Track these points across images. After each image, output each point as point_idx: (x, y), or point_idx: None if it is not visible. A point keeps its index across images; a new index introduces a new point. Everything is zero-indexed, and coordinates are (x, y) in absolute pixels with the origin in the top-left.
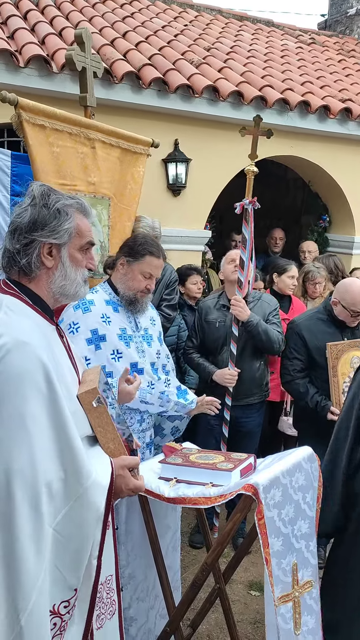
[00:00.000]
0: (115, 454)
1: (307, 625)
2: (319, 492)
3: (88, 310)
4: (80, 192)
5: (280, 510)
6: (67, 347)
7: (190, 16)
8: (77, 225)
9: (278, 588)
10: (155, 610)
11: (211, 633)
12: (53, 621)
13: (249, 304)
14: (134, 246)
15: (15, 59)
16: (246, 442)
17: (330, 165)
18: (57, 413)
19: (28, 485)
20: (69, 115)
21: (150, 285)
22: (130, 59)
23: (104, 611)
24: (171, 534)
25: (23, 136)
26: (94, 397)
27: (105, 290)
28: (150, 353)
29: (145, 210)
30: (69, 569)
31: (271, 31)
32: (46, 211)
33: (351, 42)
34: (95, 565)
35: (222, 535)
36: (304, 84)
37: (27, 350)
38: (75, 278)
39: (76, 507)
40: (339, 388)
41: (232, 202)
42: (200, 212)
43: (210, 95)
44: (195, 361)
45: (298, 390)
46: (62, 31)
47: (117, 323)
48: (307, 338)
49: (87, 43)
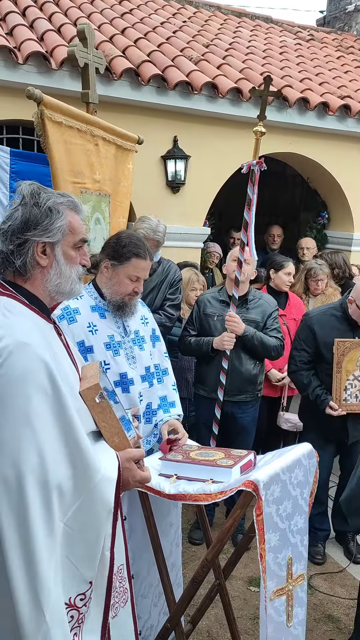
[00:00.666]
0: (120, 448)
1: (297, 617)
2: (314, 487)
3: (74, 321)
4: (88, 189)
5: (279, 505)
6: (65, 345)
7: (189, 12)
8: (69, 223)
9: (273, 582)
10: (158, 607)
11: (211, 629)
12: (70, 614)
13: (249, 302)
14: (117, 248)
15: (14, 56)
16: (242, 437)
17: (329, 162)
18: (63, 411)
19: (39, 485)
20: (80, 112)
21: (138, 288)
22: (129, 56)
23: (118, 600)
24: (174, 531)
25: (43, 133)
26: (97, 393)
27: (90, 294)
28: (142, 357)
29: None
30: (83, 563)
31: (270, 28)
32: (37, 210)
33: (350, 38)
34: (109, 557)
35: (222, 532)
36: (303, 80)
37: (28, 351)
38: (70, 275)
39: (87, 502)
40: (341, 384)
41: (231, 199)
42: (200, 209)
43: (209, 92)
44: (192, 341)
45: (302, 381)
46: (61, 27)
47: (104, 331)
48: (317, 332)
49: (90, 39)
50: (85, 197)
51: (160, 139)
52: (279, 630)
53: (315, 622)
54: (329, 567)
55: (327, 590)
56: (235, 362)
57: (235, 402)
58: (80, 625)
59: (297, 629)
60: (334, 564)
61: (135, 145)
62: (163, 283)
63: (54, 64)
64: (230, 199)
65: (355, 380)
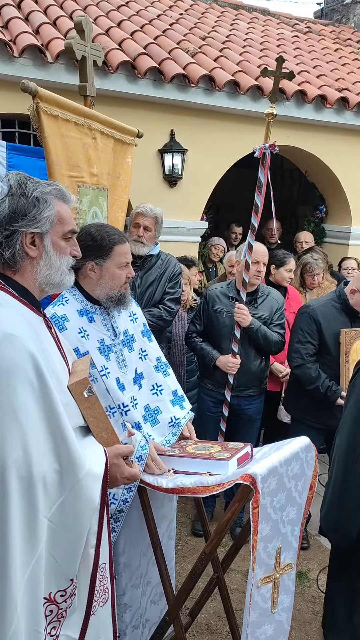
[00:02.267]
0: (109, 443)
1: (282, 603)
2: (314, 480)
3: (64, 329)
4: (85, 183)
5: (273, 497)
6: (55, 339)
7: (186, 5)
8: (57, 212)
9: (261, 570)
10: (146, 596)
11: (210, 622)
12: (49, 608)
13: (257, 298)
14: (95, 245)
15: (10, 49)
16: (247, 428)
17: (326, 156)
18: (49, 404)
19: (22, 478)
20: (77, 106)
21: (130, 272)
22: (125, 49)
23: (97, 598)
24: (167, 524)
25: (39, 127)
26: (85, 388)
27: (76, 298)
28: (132, 358)
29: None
30: (65, 559)
31: (267, 20)
32: (25, 200)
33: (347, 30)
34: (93, 555)
35: (220, 525)
36: (301, 73)
37: (15, 343)
38: (59, 266)
39: (71, 498)
40: (349, 374)
41: (229, 193)
42: (197, 203)
43: (206, 85)
44: (198, 345)
45: (310, 374)
46: (57, 20)
47: (94, 335)
48: (322, 323)
49: (87, 31)
50: (83, 191)
51: (157, 133)
52: (263, 616)
53: (313, 615)
54: (326, 560)
55: (325, 582)
56: (243, 359)
57: (242, 396)
58: (60, 619)
59: (281, 615)
60: None
61: (134, 139)
62: (162, 277)
63: (49, 57)
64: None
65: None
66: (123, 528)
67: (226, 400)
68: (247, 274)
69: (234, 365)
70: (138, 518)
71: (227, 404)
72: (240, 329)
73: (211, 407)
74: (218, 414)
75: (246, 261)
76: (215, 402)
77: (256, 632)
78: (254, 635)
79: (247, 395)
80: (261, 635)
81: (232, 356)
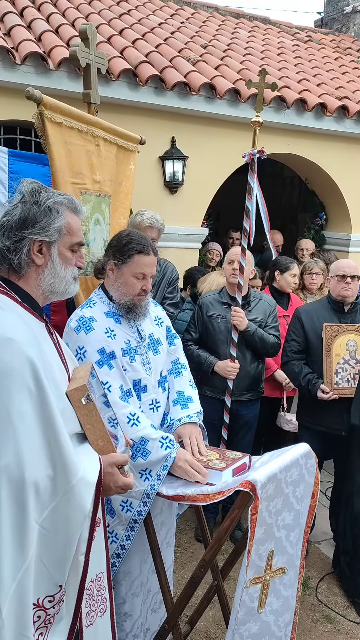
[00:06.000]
0: (104, 451)
1: (271, 605)
2: (315, 488)
3: (91, 330)
4: (88, 190)
5: (269, 502)
6: (57, 345)
7: (187, 13)
8: (67, 223)
9: (252, 571)
10: (147, 605)
11: (209, 630)
12: (37, 614)
13: (250, 302)
14: (119, 247)
15: (12, 56)
16: (244, 433)
17: (326, 163)
18: (45, 410)
19: (13, 482)
20: (80, 113)
21: (147, 286)
22: (127, 56)
23: (95, 608)
24: (165, 531)
25: (43, 134)
26: (83, 395)
27: (102, 300)
28: (157, 361)
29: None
30: (55, 565)
31: (268, 29)
32: (37, 209)
33: (348, 39)
34: (83, 561)
35: (220, 532)
36: (301, 81)
37: (13, 347)
38: (64, 276)
39: (62, 504)
40: (331, 368)
41: (229, 199)
42: (197, 209)
43: (207, 93)
44: (195, 353)
45: (293, 370)
46: (59, 28)
47: (121, 336)
48: (304, 320)
49: (92, 39)
50: (85, 197)
51: (158, 140)
52: (249, 614)
53: (313, 623)
54: (326, 568)
55: (325, 590)
56: (241, 363)
57: (240, 401)
58: (47, 625)
59: (268, 616)
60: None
61: (137, 145)
62: (161, 282)
63: (51, 65)
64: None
65: (345, 364)
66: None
67: (226, 406)
68: (241, 277)
69: (233, 369)
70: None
71: (228, 410)
72: (237, 332)
73: (211, 414)
74: (218, 421)
75: (240, 264)
76: (215, 409)
77: (240, 629)
78: (238, 632)
79: (244, 399)
80: (245, 632)
81: (231, 361)
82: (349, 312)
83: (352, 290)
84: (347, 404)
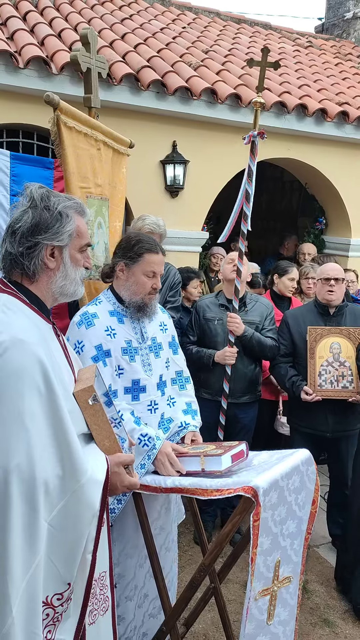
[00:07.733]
0: (110, 451)
1: (279, 616)
2: (316, 495)
3: (91, 325)
4: (92, 194)
5: (274, 511)
6: (63, 346)
7: (189, 18)
8: (77, 227)
9: (260, 583)
10: (143, 609)
11: (207, 632)
12: (46, 612)
13: (246, 304)
14: (129, 247)
15: (15, 60)
16: (242, 436)
17: (326, 168)
18: (55, 410)
19: (25, 482)
20: (87, 117)
21: (157, 284)
22: (129, 61)
23: (97, 607)
24: (164, 536)
25: (58, 139)
26: (90, 395)
27: (109, 300)
28: (157, 364)
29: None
30: (63, 563)
31: (269, 34)
32: (48, 214)
33: (348, 45)
34: (90, 560)
35: (221, 537)
36: (301, 87)
37: (25, 348)
38: (74, 277)
39: (71, 503)
40: (315, 370)
41: (230, 204)
42: (198, 213)
43: (208, 98)
44: (194, 350)
45: (279, 372)
46: (62, 32)
47: (122, 335)
48: (290, 324)
49: (93, 43)
50: (90, 201)
51: (159, 144)
52: (259, 627)
53: (311, 627)
54: (325, 572)
55: (323, 594)
56: (238, 365)
57: (237, 404)
58: (55, 623)
59: (277, 627)
60: (330, 569)
61: (127, 149)
62: (163, 286)
63: (54, 69)
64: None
65: (329, 367)
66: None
67: (223, 408)
68: (239, 280)
69: (231, 354)
70: (133, 529)
71: (224, 411)
72: (234, 336)
73: (208, 417)
74: (213, 424)
75: (238, 268)
76: (212, 411)
77: None
78: None
79: (242, 402)
80: None
81: (229, 346)
82: (335, 315)
83: (336, 293)
84: (331, 406)
